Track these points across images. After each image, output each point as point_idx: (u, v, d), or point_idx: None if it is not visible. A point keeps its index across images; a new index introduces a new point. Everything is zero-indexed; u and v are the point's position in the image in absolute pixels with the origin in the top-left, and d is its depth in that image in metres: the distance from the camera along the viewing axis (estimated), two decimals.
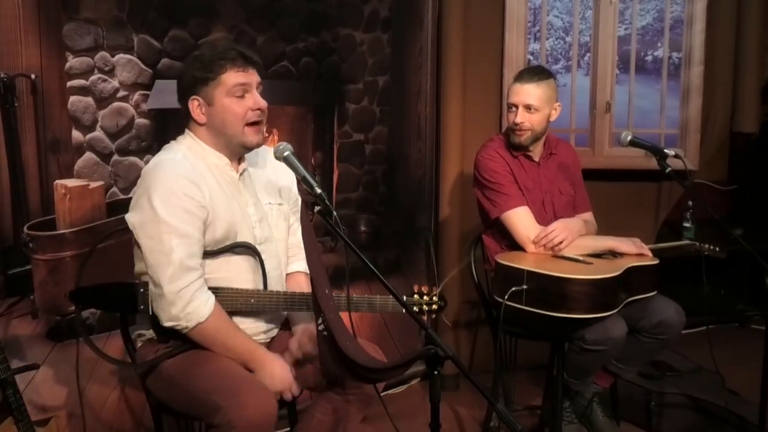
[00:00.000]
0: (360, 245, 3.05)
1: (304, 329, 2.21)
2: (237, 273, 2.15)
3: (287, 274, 2.34)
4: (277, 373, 2.09)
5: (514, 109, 2.85)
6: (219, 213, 2.09)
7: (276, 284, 2.22)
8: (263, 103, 2.12)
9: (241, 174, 2.20)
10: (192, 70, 2.09)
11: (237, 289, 2.13)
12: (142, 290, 2.09)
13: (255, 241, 2.18)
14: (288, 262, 2.36)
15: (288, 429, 2.44)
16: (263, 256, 2.16)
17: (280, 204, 2.30)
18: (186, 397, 2.04)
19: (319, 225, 2.15)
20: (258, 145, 2.16)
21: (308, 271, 2.22)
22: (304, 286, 2.30)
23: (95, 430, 2.70)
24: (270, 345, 2.25)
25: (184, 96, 2.12)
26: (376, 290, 2.29)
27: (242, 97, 2.09)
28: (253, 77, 2.11)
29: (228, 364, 2.06)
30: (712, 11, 3.98)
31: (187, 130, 2.18)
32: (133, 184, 2.11)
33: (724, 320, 4.57)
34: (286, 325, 2.33)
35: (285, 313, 2.31)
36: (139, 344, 2.23)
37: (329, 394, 2.22)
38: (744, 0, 4.15)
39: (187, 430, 2.32)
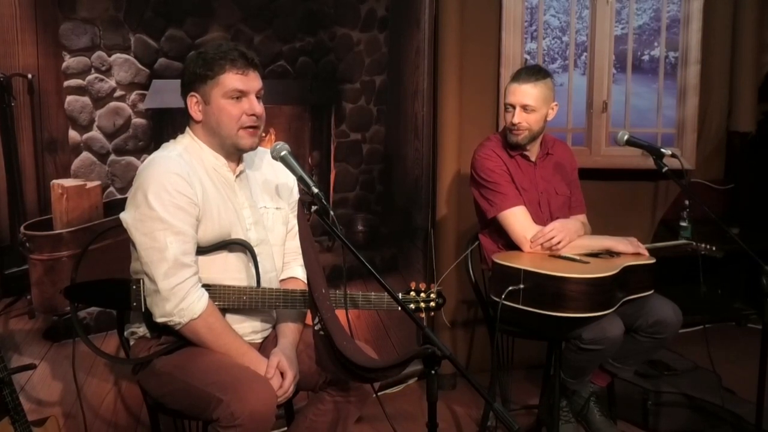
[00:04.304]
0: (357, 244, 3.06)
1: (279, 354, 2.14)
2: (229, 271, 2.15)
3: (283, 279, 2.33)
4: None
5: (511, 109, 2.85)
6: (211, 213, 2.09)
7: (269, 286, 2.21)
8: (259, 110, 2.11)
9: (237, 176, 2.20)
10: (193, 67, 2.09)
11: (229, 286, 2.12)
12: (134, 287, 2.08)
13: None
14: (285, 267, 2.35)
15: (285, 429, 2.44)
16: (257, 259, 2.15)
17: (277, 208, 2.29)
18: (183, 394, 2.04)
19: (316, 224, 2.16)
20: (251, 149, 2.16)
21: (305, 279, 2.22)
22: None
23: (93, 428, 2.70)
24: (263, 345, 2.25)
25: (184, 92, 2.13)
26: (373, 289, 2.29)
27: (239, 99, 2.09)
28: (252, 82, 2.10)
29: (223, 358, 2.06)
30: (709, 10, 3.98)
31: (187, 128, 2.19)
32: (130, 183, 2.11)
33: (721, 319, 4.59)
34: None
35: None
36: (131, 342, 2.23)
37: (324, 395, 2.22)
38: None
39: (183, 428, 2.33)
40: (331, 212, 1.91)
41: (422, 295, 2.32)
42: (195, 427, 2.35)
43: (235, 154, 2.18)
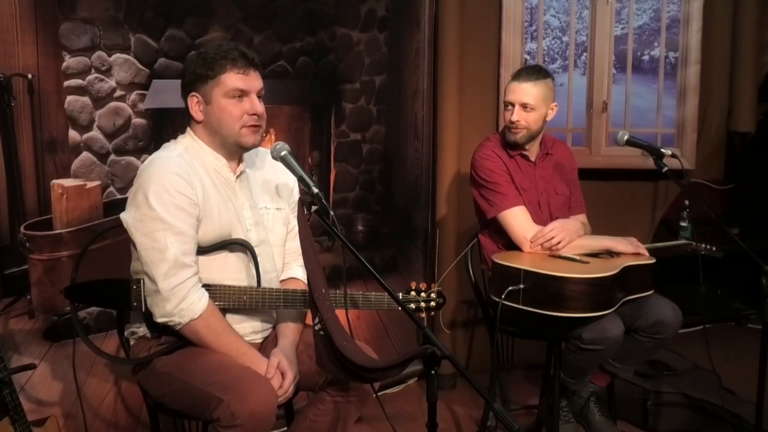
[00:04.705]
0: (357, 245, 3.06)
1: (280, 355, 2.14)
2: (230, 271, 2.14)
3: (283, 280, 2.33)
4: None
5: (510, 107, 2.85)
6: (211, 213, 2.09)
7: (269, 286, 2.20)
8: (260, 109, 2.12)
9: (238, 176, 2.20)
10: (194, 67, 2.10)
11: (229, 286, 2.12)
12: (134, 287, 2.08)
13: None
14: (285, 267, 2.34)
15: (285, 429, 2.44)
16: (257, 259, 2.15)
17: (278, 209, 2.29)
18: (183, 394, 2.04)
19: (316, 224, 2.16)
20: (254, 146, 2.16)
21: (305, 279, 2.22)
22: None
23: (93, 428, 2.70)
24: (263, 345, 2.25)
25: (184, 92, 2.13)
26: (373, 289, 2.29)
27: (240, 99, 2.09)
28: (253, 82, 2.10)
29: (223, 358, 2.05)
30: (709, 10, 3.99)
31: (188, 129, 2.18)
32: (130, 183, 2.11)
33: (721, 319, 4.59)
34: None
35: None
36: (131, 342, 2.22)
37: (324, 395, 2.22)
38: None
39: (183, 428, 2.32)
40: (331, 212, 1.91)
41: (422, 295, 2.32)
42: (195, 427, 2.35)
43: (236, 153, 2.18)
